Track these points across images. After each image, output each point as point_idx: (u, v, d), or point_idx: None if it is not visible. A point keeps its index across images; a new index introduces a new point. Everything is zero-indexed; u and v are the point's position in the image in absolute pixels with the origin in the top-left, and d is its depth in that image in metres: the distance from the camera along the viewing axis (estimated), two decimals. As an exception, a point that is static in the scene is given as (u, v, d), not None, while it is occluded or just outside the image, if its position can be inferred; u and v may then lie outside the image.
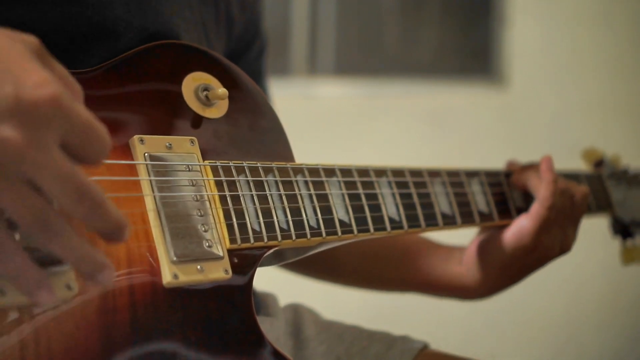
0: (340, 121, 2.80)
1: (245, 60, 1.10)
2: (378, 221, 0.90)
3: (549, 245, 1.06)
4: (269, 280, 1.21)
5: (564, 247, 1.08)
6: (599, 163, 1.28)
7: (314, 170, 0.87)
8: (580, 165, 1.29)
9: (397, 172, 0.95)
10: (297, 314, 1.13)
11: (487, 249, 1.08)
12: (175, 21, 0.91)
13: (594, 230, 1.14)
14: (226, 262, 0.76)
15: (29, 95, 0.56)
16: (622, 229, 1.27)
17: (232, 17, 1.05)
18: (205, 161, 0.80)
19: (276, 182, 0.84)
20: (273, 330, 1.05)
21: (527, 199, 1.09)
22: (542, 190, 1.04)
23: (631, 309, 3.26)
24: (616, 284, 3.25)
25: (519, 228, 1.05)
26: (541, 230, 1.04)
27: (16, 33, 0.60)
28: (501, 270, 1.08)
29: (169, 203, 0.75)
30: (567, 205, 1.07)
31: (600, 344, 3.22)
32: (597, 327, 3.24)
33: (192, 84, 0.83)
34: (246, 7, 1.09)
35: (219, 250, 0.76)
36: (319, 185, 0.87)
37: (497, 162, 1.14)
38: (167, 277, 0.72)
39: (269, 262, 0.87)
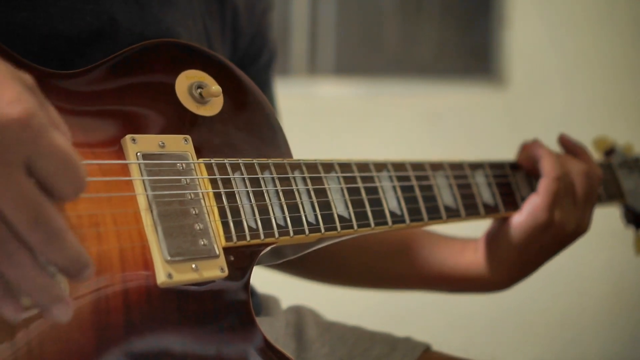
0: (340, 121, 2.80)
1: (253, 71, 1.09)
2: (379, 215, 0.89)
3: (563, 220, 1.04)
4: (271, 281, 1.20)
5: (580, 227, 1.07)
6: (609, 152, 1.26)
7: (311, 166, 0.86)
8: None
9: (398, 166, 0.94)
10: (300, 315, 1.12)
11: (501, 233, 1.07)
12: (176, 30, 0.90)
13: (595, 231, 1.13)
14: (222, 261, 0.75)
15: None
16: (634, 218, 1.25)
17: (239, 28, 1.05)
18: (200, 159, 0.79)
19: (273, 178, 0.82)
20: (273, 330, 1.04)
21: (534, 188, 1.08)
22: (545, 163, 1.04)
23: (633, 310, 3.25)
24: (618, 285, 3.24)
25: (531, 206, 1.04)
26: (553, 204, 1.03)
27: (12, 67, 0.59)
28: (518, 255, 1.06)
29: (162, 202, 0.74)
30: (578, 179, 1.06)
31: (603, 346, 3.21)
32: (599, 328, 3.23)
33: (186, 81, 0.81)
34: (254, 19, 1.09)
35: (215, 249, 0.75)
36: (317, 180, 0.86)
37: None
38: (161, 276, 0.71)
39: (267, 260, 0.86)
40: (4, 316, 0.58)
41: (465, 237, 1.15)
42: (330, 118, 2.79)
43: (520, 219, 1.05)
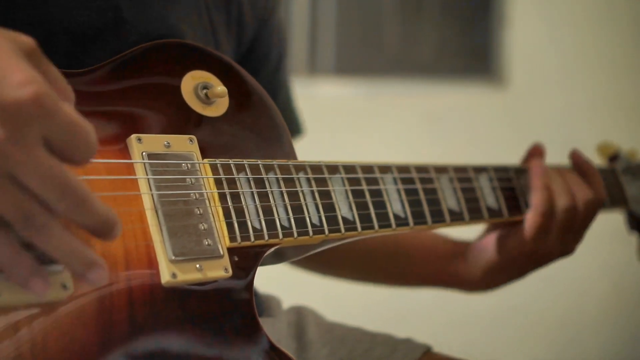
0: (341, 121, 2.79)
1: (265, 72, 1.10)
2: (383, 218, 0.89)
3: (548, 251, 1.07)
4: (272, 281, 1.20)
5: (566, 250, 1.09)
6: (614, 157, 1.26)
7: (316, 168, 0.86)
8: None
9: (403, 169, 0.94)
10: (300, 316, 1.12)
11: (487, 250, 1.11)
12: (180, 26, 0.90)
13: (595, 232, 1.13)
14: (226, 261, 0.75)
15: (10, 95, 0.56)
16: (638, 225, 1.25)
17: (243, 22, 1.05)
18: (205, 159, 0.79)
19: (277, 179, 0.82)
20: (275, 331, 1.04)
21: None
22: (533, 198, 1.05)
23: (633, 310, 3.25)
24: (618, 285, 3.24)
25: (518, 235, 1.06)
26: (539, 237, 1.05)
27: (11, 32, 0.60)
28: (500, 271, 1.11)
29: (167, 202, 0.74)
30: (581, 208, 1.07)
31: (603, 346, 3.21)
32: (599, 328, 3.23)
33: (192, 82, 0.82)
34: (258, 12, 1.08)
35: (219, 249, 0.75)
36: (321, 182, 0.86)
37: (497, 162, 1.13)
38: (165, 276, 0.71)
39: (271, 261, 0.86)
40: (34, 292, 0.60)
41: (465, 237, 1.17)
42: (330, 118, 2.78)
43: (507, 243, 1.08)
